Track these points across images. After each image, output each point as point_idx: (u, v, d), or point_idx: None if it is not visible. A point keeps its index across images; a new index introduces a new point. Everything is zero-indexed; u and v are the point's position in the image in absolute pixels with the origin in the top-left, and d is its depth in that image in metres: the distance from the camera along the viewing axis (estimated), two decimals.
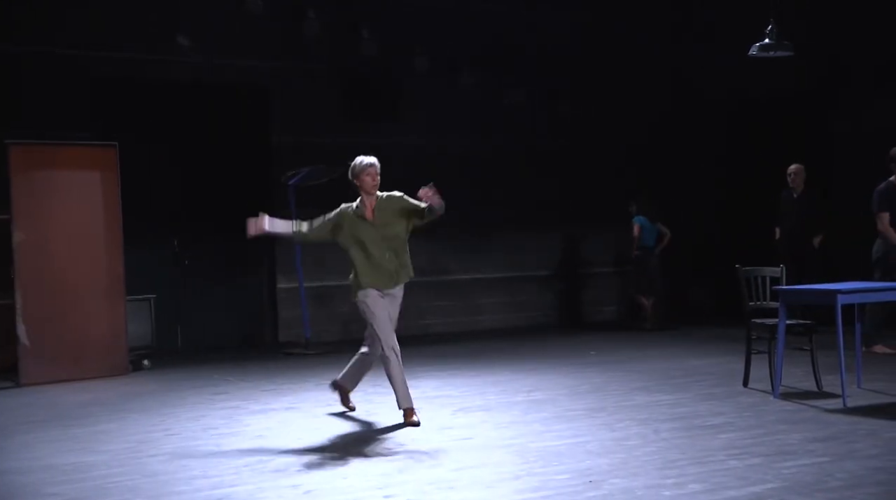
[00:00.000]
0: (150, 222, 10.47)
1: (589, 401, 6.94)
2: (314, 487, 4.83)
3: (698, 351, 9.45)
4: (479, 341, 10.75)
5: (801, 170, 10.32)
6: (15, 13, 9.91)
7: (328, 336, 11.29)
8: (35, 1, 10.01)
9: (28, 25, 9.98)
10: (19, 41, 9.95)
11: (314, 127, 11.24)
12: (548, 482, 4.77)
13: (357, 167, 6.55)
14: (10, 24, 9.91)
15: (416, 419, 6.28)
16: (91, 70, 10.25)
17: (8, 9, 9.87)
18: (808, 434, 5.61)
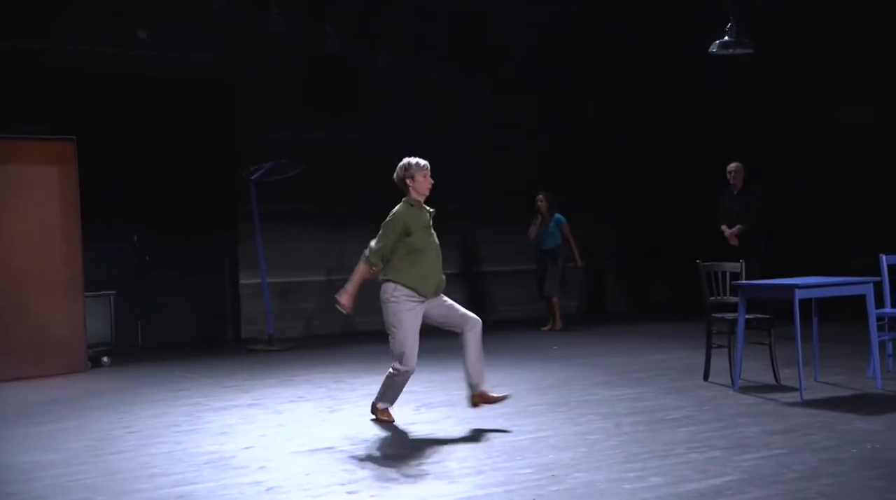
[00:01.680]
0: (110, 218, 10.35)
1: (551, 396, 6.98)
2: (276, 483, 4.81)
3: (659, 346, 9.54)
4: (442, 337, 10.74)
5: (741, 168, 10.53)
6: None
7: (291, 332, 11.24)
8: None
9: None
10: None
11: (277, 122, 11.17)
12: (511, 477, 4.79)
13: (414, 167, 6.14)
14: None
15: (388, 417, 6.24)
16: (50, 63, 10.09)
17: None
18: (767, 427, 5.69)
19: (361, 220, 11.67)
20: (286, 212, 11.26)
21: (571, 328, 11.42)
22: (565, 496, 4.43)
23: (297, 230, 11.43)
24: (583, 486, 4.57)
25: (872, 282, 6.93)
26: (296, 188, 10.89)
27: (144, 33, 10.22)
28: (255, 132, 11.09)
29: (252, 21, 10.89)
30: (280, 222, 11.17)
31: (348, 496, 4.57)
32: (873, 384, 6.88)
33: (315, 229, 11.51)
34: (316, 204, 11.47)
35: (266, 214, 10.60)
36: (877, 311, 6.98)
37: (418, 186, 6.14)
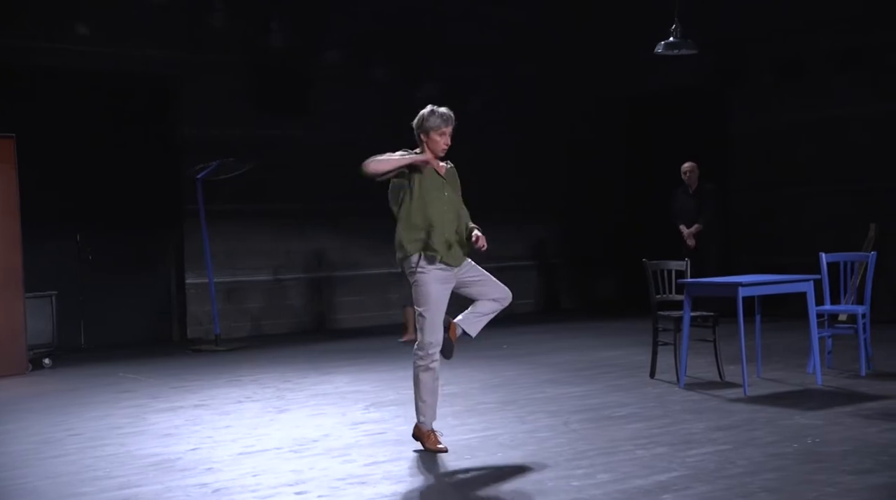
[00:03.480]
0: (51, 217, 10.15)
1: (500, 394, 7.01)
2: (223, 485, 4.75)
3: (606, 344, 9.63)
4: (391, 336, 10.74)
5: (695, 167, 10.69)
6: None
7: (238, 332, 11.12)
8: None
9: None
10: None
11: (223, 120, 11.04)
12: (460, 475, 4.79)
13: (429, 122, 5.28)
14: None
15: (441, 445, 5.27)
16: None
17: None
18: (711, 423, 5.78)
19: (309, 218, 11.65)
20: (233, 211, 11.14)
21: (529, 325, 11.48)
22: (514, 494, 4.44)
23: (243, 229, 11.31)
24: (531, 484, 4.60)
25: (812, 280, 7.08)
26: (243, 187, 10.78)
27: (85, 28, 10.02)
28: (200, 129, 10.94)
29: (196, 17, 10.75)
30: (227, 221, 11.05)
31: (296, 496, 4.54)
32: (814, 380, 7.02)
33: (262, 228, 11.41)
34: (263, 202, 11.36)
35: (212, 213, 10.47)
36: (817, 308, 7.12)
37: (432, 145, 5.30)
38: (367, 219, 12.01)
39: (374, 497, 4.48)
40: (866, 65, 10.68)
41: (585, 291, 13.66)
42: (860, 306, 7.45)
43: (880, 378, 7.10)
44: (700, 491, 4.36)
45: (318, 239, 11.32)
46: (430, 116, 5.27)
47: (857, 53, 10.72)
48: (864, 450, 5.00)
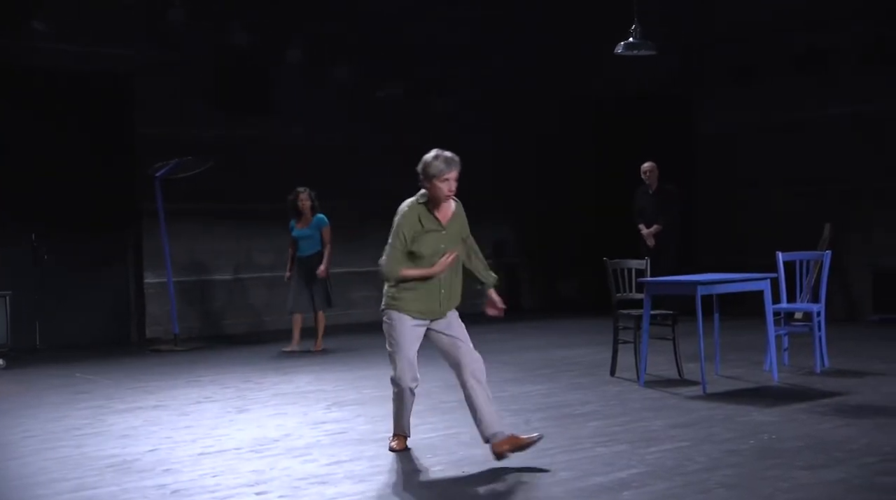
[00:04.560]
0: (5, 216, 9.99)
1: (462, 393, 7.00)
2: (182, 486, 4.71)
3: (568, 342, 9.69)
4: (353, 335, 10.71)
5: (655, 167, 10.83)
6: None
7: (198, 332, 11.03)
8: None
9: None
10: None
11: (183, 118, 10.93)
12: (422, 474, 4.80)
13: (432, 169, 5.05)
14: None
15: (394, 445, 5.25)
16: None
17: None
18: (671, 421, 5.83)
19: (269, 218, 11.56)
20: (192, 210, 11.03)
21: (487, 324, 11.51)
22: (475, 493, 4.45)
23: (203, 228, 11.21)
24: (492, 482, 4.61)
25: (769, 278, 7.18)
26: (202, 186, 10.67)
27: (41, 24, 9.86)
28: (159, 128, 10.82)
29: (155, 14, 10.63)
30: (186, 220, 10.94)
31: (257, 497, 4.51)
32: (770, 378, 7.13)
33: (222, 228, 11.31)
34: (223, 202, 11.27)
35: (172, 212, 10.37)
36: (773, 306, 7.23)
37: (435, 191, 5.06)
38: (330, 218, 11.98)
39: (335, 497, 4.46)
40: (825, 68, 10.86)
41: (548, 290, 13.73)
42: (815, 304, 7.57)
43: (834, 375, 7.21)
44: (659, 488, 4.41)
45: (279, 238, 11.23)
46: (433, 162, 5.06)
47: (818, 56, 10.89)
48: (819, 446, 5.08)
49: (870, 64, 10.47)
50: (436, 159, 5.07)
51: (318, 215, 9.50)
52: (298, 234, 9.50)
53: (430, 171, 5.06)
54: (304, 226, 9.49)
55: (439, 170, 5.04)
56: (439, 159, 5.07)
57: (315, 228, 9.47)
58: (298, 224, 9.51)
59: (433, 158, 5.10)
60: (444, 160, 5.06)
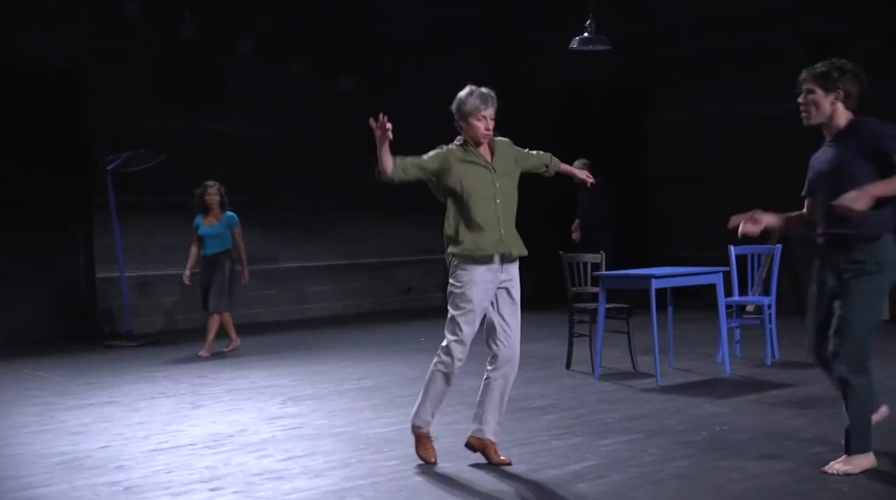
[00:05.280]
0: None
1: (418, 387, 6.91)
2: (134, 483, 4.65)
3: (524, 336, 9.57)
4: (308, 330, 10.66)
5: (584, 163, 10.97)
6: None
7: (151, 327, 10.89)
8: None
9: None
10: None
11: (135, 111, 10.75)
12: (378, 469, 4.79)
13: (467, 106, 4.79)
14: None
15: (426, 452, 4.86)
16: None
17: None
18: (625, 413, 5.89)
19: None
20: (145, 203, 10.88)
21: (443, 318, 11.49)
22: (431, 487, 4.46)
23: (156, 222, 11.07)
24: (448, 475, 4.62)
25: (722, 272, 7.27)
26: (156, 179, 10.52)
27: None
28: (111, 120, 10.65)
29: (106, 4, 10.45)
30: (139, 214, 10.79)
31: (211, 493, 4.47)
32: (722, 369, 7.23)
33: (176, 222, 11.13)
34: (177, 195, 11.08)
35: (124, 206, 10.22)
36: (725, 299, 7.33)
37: (471, 132, 4.82)
38: (284, 212, 11.91)
39: (290, 492, 4.44)
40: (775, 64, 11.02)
41: None
42: (766, 297, 7.69)
43: (785, 367, 7.34)
44: (613, 480, 4.45)
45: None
46: (467, 99, 4.75)
47: (768, 53, 11.05)
48: (769, 436, 5.16)
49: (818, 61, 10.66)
50: (470, 96, 4.77)
51: (229, 213, 9.01)
52: (206, 231, 8.96)
53: (464, 108, 4.77)
54: (212, 223, 8.97)
55: (475, 107, 4.75)
56: (474, 95, 4.76)
57: (226, 226, 8.97)
58: (206, 220, 8.98)
59: (467, 94, 4.78)
60: (479, 96, 4.75)
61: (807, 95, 4.52)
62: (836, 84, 4.43)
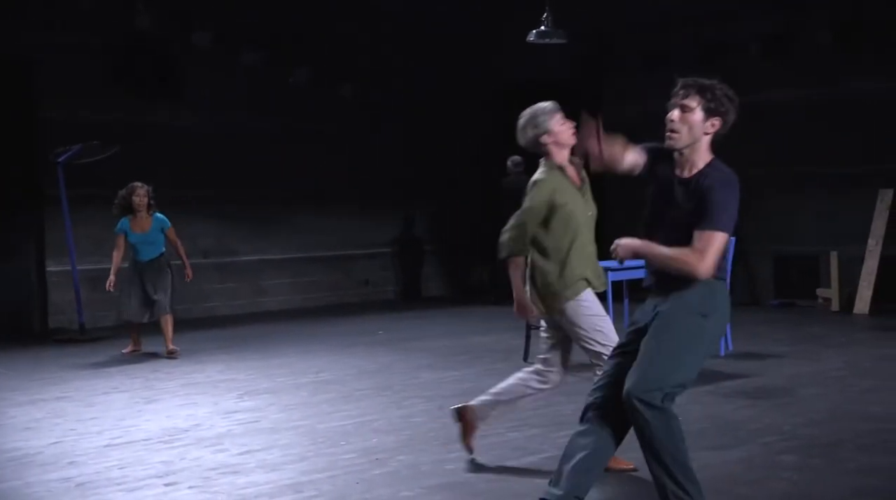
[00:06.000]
0: None
1: (376, 380, 7.01)
2: (87, 479, 4.58)
3: (481, 329, 9.76)
4: (265, 324, 10.59)
5: (521, 162, 11.29)
6: None
7: (104, 321, 10.72)
8: None
9: None
10: None
11: (87, 102, 10.58)
12: (335, 462, 4.78)
13: (541, 119, 4.43)
14: None
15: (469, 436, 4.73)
16: None
17: None
18: (581, 405, 5.89)
19: (179, 205, 11.29)
20: (98, 196, 10.68)
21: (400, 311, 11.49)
22: (389, 480, 4.46)
23: (109, 216, 10.88)
24: (406, 469, 4.62)
25: None
26: (108, 171, 10.35)
27: None
28: (61, 112, 10.45)
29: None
30: (91, 207, 10.60)
31: (166, 488, 4.42)
32: None
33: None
34: None
35: (75, 198, 10.05)
36: None
37: (559, 136, 4.43)
38: (240, 205, 11.80)
39: (247, 486, 4.41)
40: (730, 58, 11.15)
41: (461, 278, 13.79)
42: None
43: (738, 358, 7.44)
44: None
45: (190, 226, 11.01)
46: (539, 114, 4.44)
47: (723, 46, 11.17)
48: (722, 427, 5.24)
49: (772, 56, 10.81)
50: (537, 111, 4.47)
51: (159, 215, 8.47)
52: (138, 239, 8.37)
53: (541, 123, 4.42)
54: (144, 229, 8.38)
55: (549, 114, 4.46)
56: (539, 110, 4.47)
57: (158, 230, 8.43)
58: (135, 227, 8.37)
59: (534, 112, 4.47)
60: (542, 110, 4.46)
61: (683, 110, 3.66)
62: (719, 109, 3.64)
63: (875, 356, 7.37)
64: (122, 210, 8.45)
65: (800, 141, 10.83)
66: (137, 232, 8.40)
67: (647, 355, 3.45)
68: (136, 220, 8.41)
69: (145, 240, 8.43)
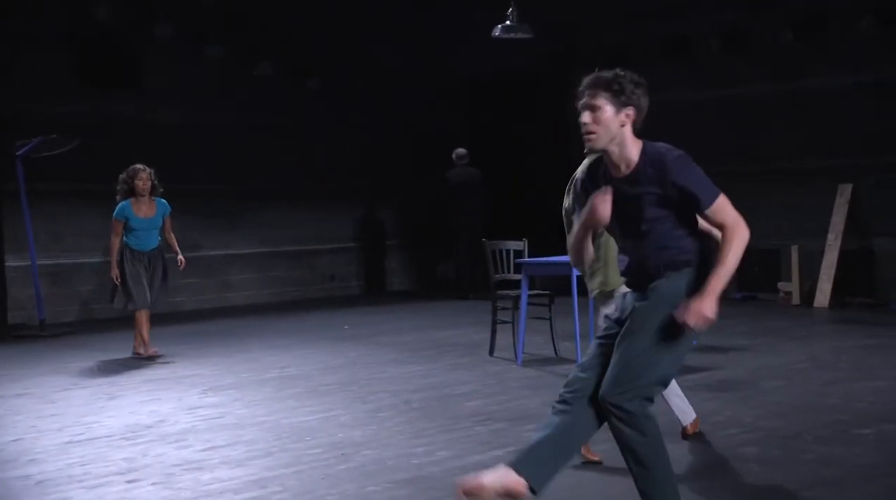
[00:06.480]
0: None
1: (342, 375, 6.99)
2: (48, 477, 4.52)
3: (447, 323, 9.77)
4: (231, 319, 10.52)
5: (465, 154, 11.48)
6: None
7: (65, 317, 10.60)
8: None
9: None
10: None
11: (46, 95, 10.41)
12: (300, 457, 4.76)
13: None
14: None
15: None
16: None
17: None
18: (547, 398, 5.91)
19: None
20: (58, 190, 10.56)
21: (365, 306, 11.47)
22: (354, 474, 4.45)
23: (70, 209, 10.76)
24: (372, 463, 4.61)
25: None
26: (69, 165, 10.21)
27: None
28: (20, 104, 10.27)
29: None
30: (51, 201, 10.47)
31: (128, 485, 4.38)
32: None
33: (90, 208, 10.86)
34: (91, 182, 10.80)
35: (35, 192, 9.91)
36: None
37: None
38: (205, 200, 11.69)
39: (211, 483, 4.38)
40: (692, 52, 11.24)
41: (425, 272, 13.79)
42: None
43: (701, 351, 7.49)
44: None
45: None
46: None
47: (684, 40, 11.26)
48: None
49: (731, 51, 10.92)
50: None
51: (162, 200, 8.05)
52: (142, 224, 7.92)
53: None
54: (147, 214, 7.95)
55: None
56: None
57: (161, 215, 8.02)
58: (139, 211, 7.93)
59: None
60: None
61: (592, 111, 3.51)
62: (630, 98, 3.49)
63: (834, 349, 7.48)
64: (124, 194, 7.97)
65: (761, 135, 10.96)
66: (141, 217, 7.94)
67: (620, 356, 3.41)
68: (139, 204, 7.94)
69: (150, 225, 7.98)
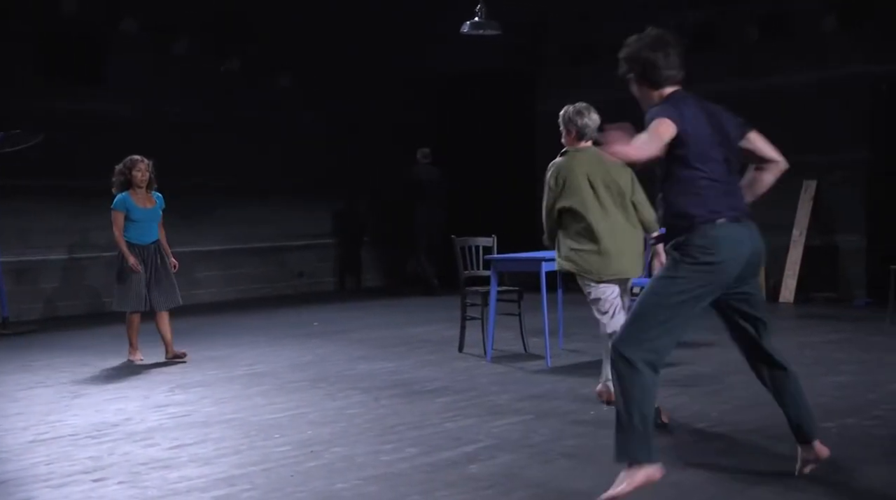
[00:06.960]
0: None
1: (311, 372, 6.96)
2: (12, 476, 4.46)
3: (417, 320, 9.77)
4: (198, 316, 10.43)
5: (429, 153, 11.69)
6: None
7: (30, 315, 10.46)
8: None
9: None
10: None
11: (10, 90, 10.26)
12: (269, 455, 4.73)
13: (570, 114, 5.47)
14: None
15: None
16: None
17: None
18: (516, 394, 5.98)
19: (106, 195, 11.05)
20: (22, 186, 10.42)
21: (335, 303, 11.43)
22: (323, 472, 4.43)
23: (34, 206, 10.61)
24: (341, 461, 4.60)
25: None
26: (33, 161, 10.08)
27: None
28: None
29: None
30: (15, 197, 10.33)
31: (94, 484, 4.33)
32: None
33: (55, 205, 10.74)
34: (56, 178, 10.69)
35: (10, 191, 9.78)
36: None
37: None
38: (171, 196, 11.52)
39: (178, 481, 4.34)
40: None
41: (394, 268, 13.77)
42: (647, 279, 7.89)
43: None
44: (505, 460, 4.51)
45: None
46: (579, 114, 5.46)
47: None
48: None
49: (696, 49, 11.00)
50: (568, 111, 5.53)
51: (158, 194, 7.80)
52: (143, 215, 7.59)
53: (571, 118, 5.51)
54: (147, 205, 7.66)
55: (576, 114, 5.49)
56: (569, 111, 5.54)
57: (159, 209, 7.75)
58: (140, 202, 7.62)
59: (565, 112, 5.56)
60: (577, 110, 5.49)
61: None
62: (627, 65, 3.97)
63: (799, 344, 7.56)
64: (120, 187, 7.65)
65: None
66: (142, 208, 7.60)
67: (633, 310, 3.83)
68: (138, 197, 7.63)
69: (151, 216, 7.64)
